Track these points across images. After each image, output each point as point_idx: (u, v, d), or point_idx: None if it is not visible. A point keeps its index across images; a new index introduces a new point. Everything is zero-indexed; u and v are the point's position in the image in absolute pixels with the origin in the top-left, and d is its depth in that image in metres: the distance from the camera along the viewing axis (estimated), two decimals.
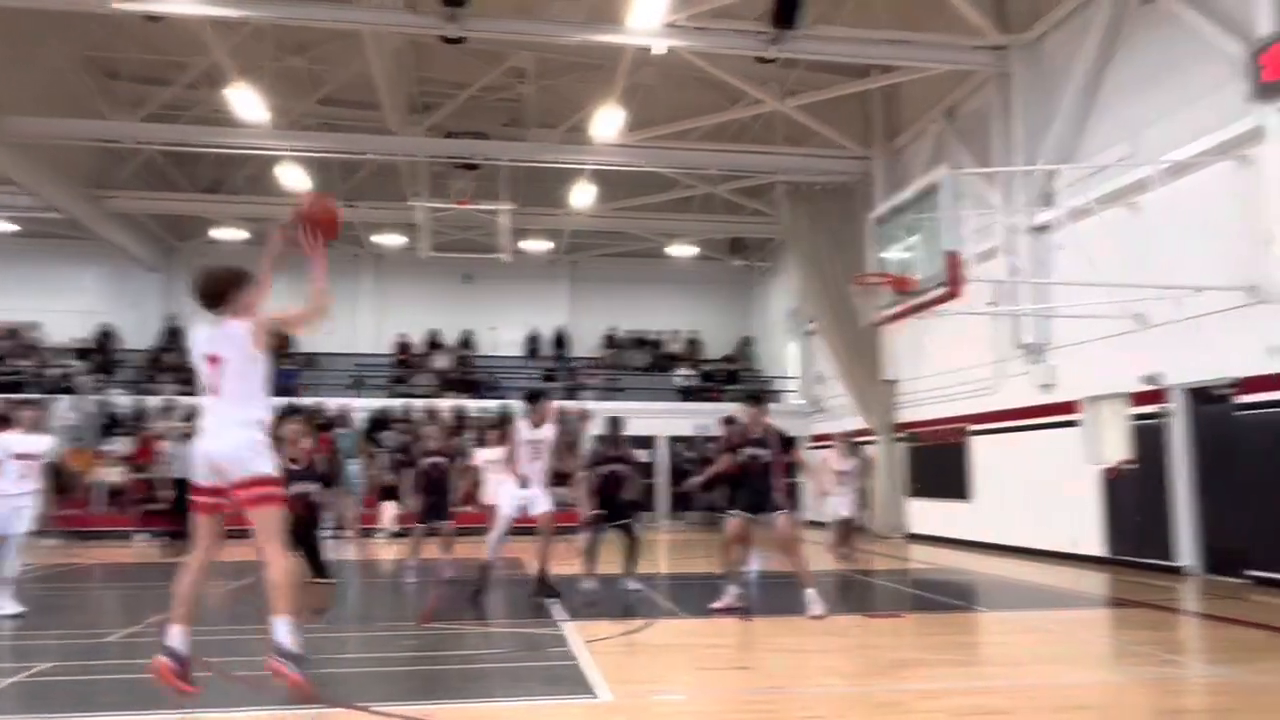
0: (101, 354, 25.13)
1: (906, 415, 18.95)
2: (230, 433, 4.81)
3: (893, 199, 13.04)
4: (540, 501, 9.31)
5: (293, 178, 20.38)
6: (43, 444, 9.25)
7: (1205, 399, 11.60)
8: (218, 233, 25.40)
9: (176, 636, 4.75)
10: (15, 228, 24.08)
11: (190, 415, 21.70)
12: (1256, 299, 10.54)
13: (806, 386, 24.89)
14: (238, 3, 14.38)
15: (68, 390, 22.88)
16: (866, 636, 7.73)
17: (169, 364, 24.54)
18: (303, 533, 7.10)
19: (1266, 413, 10.39)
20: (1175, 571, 11.59)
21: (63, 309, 25.34)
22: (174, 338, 25.80)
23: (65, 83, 19.40)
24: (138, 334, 25.99)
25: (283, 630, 4.65)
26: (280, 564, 4.74)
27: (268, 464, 4.84)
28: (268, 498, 4.80)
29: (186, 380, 23.88)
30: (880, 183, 19.20)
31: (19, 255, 25.09)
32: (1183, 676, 6.35)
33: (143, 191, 23.03)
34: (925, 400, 18.18)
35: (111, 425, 22.26)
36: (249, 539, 4.74)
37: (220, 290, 4.94)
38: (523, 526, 9.44)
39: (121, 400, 23.03)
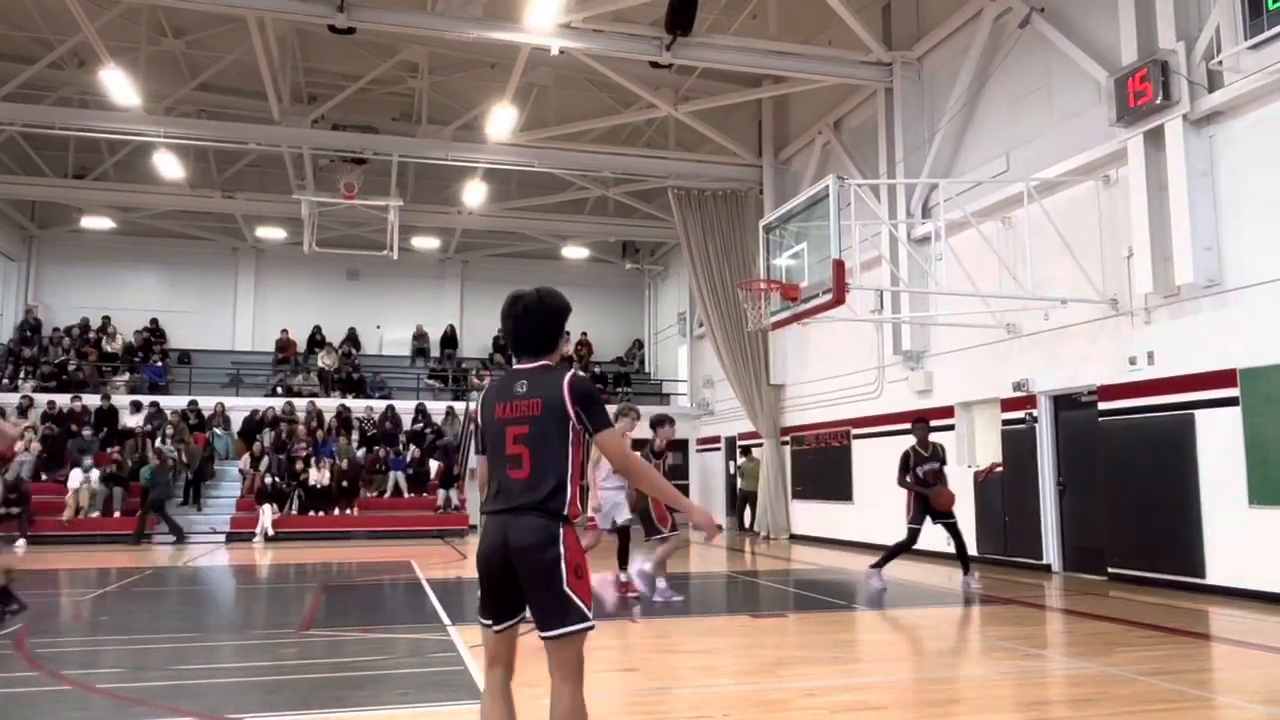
0: None
1: (792, 419, 19.37)
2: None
3: (782, 207, 13.30)
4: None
5: (167, 165, 19.52)
6: None
7: (1069, 405, 12.24)
8: (86, 221, 24.22)
9: None
10: None
11: (48, 415, 20.53)
12: (1116, 311, 11.22)
13: (696, 390, 25.18)
14: None
15: None
16: (751, 636, 7.85)
17: (28, 358, 23.12)
18: None
19: (1124, 418, 11.02)
20: (1044, 569, 12.18)
21: None
22: (34, 331, 24.34)
23: None
24: None
25: None
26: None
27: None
28: None
29: (46, 376, 22.56)
30: (770, 190, 19.60)
31: None
32: (1046, 670, 6.66)
33: (1, 175, 21.67)
34: (810, 404, 18.61)
35: None
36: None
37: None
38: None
39: None
